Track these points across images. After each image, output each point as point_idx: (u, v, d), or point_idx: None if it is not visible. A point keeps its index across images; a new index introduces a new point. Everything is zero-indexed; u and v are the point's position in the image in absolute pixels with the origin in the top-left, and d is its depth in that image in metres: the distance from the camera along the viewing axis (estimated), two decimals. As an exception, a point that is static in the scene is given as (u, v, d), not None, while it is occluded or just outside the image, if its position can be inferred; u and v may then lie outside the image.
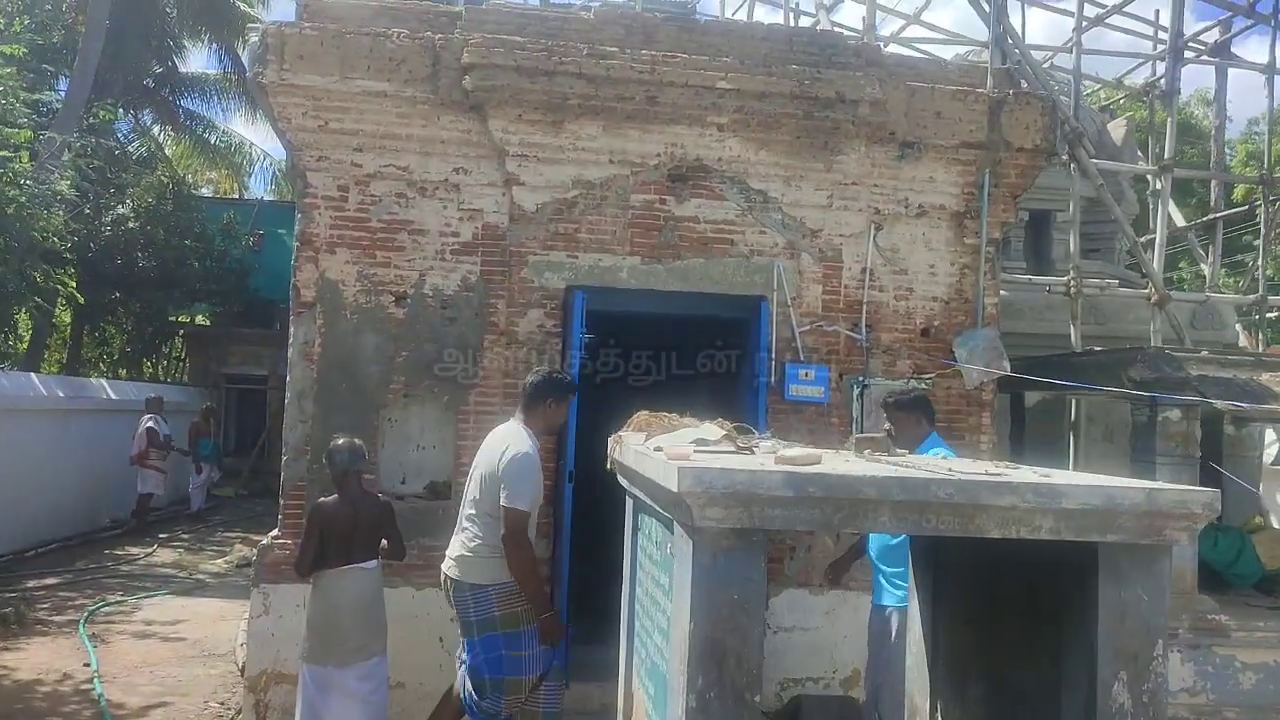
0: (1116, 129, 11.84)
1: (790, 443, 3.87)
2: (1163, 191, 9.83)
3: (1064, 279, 9.53)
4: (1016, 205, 7.22)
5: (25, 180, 12.38)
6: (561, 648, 6.30)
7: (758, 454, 3.32)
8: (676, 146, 6.70)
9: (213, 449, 17.27)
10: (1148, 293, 9.61)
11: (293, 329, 6.58)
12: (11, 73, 12.06)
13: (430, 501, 6.64)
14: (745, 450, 3.37)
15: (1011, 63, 8.34)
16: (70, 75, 17.93)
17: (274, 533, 6.52)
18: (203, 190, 27.16)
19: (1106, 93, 13.79)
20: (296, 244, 6.60)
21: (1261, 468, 10.23)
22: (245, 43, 18.35)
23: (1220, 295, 10.30)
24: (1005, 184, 7.14)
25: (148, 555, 12.88)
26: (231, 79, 23.64)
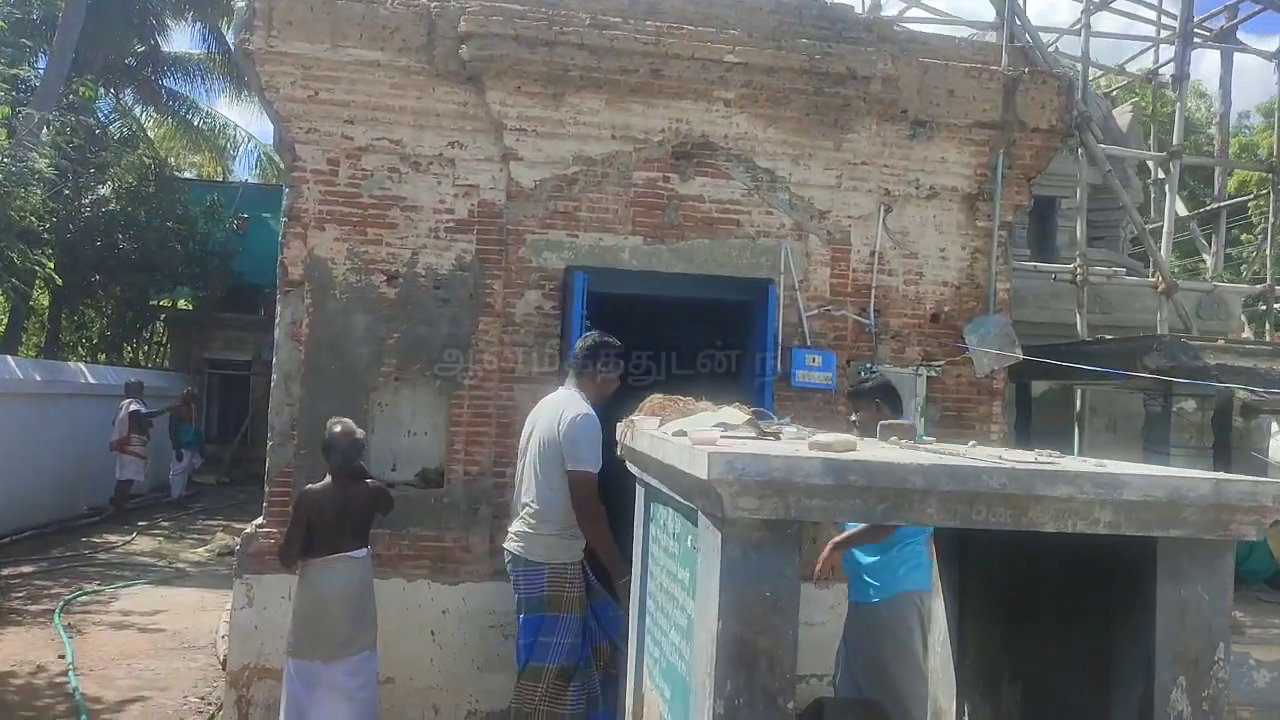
0: (1121, 115, 11.64)
1: (813, 430, 3.65)
2: (1170, 178, 9.64)
3: (1070, 266, 9.34)
4: (1030, 188, 6.99)
5: (2, 157, 12.02)
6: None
7: (783, 440, 3.08)
8: (681, 122, 6.45)
9: (194, 435, 16.95)
10: (1155, 281, 9.42)
11: (279, 308, 6.30)
12: (-12, 46, 11.71)
13: (422, 490, 6.39)
14: (770, 436, 3.14)
15: (1021, 43, 8.11)
16: (50, 51, 17.52)
17: (259, 521, 6.26)
18: (186, 174, 26.72)
19: (1107, 80, 13.59)
20: (284, 219, 6.32)
21: (1268, 461, 10.07)
22: (231, 20, 17.96)
23: (1227, 285, 10.13)
24: (1019, 165, 6.91)
25: (126, 543, 12.58)
26: (215, 59, 23.22)
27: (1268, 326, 9.54)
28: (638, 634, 3.67)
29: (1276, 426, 10.55)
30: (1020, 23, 8.58)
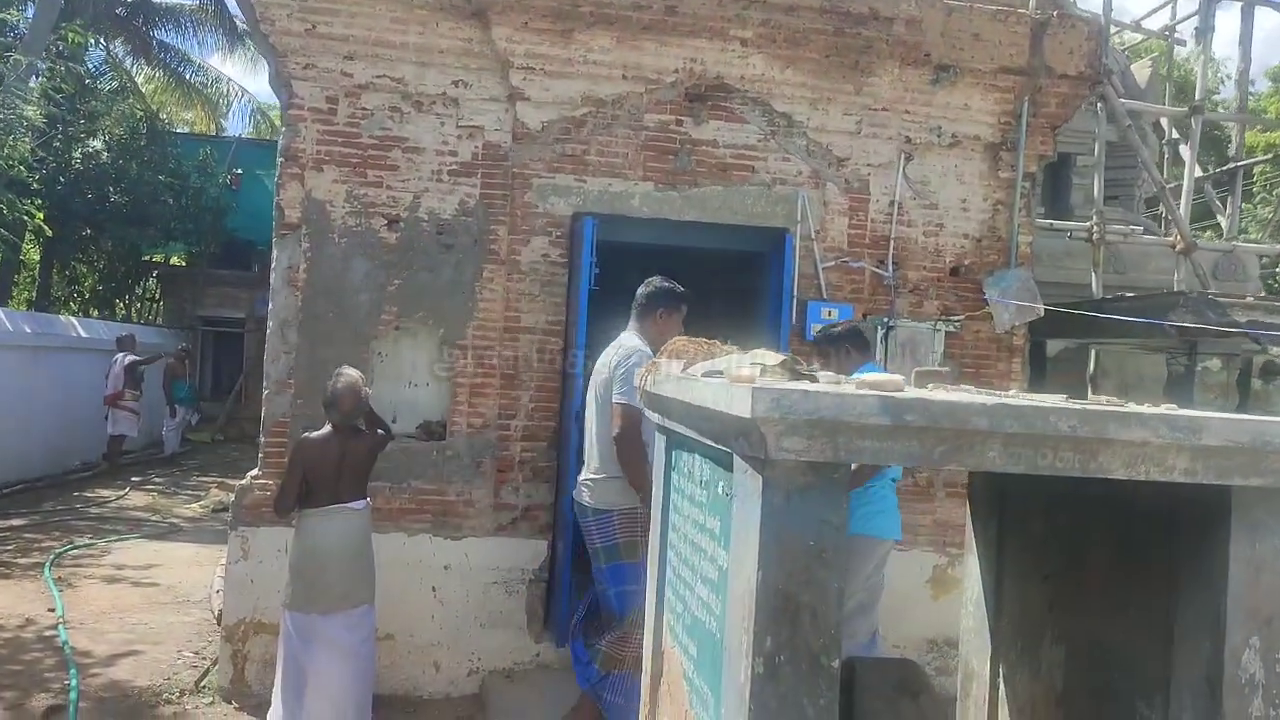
0: (1140, 71, 11.35)
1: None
2: (1192, 134, 9.38)
3: (1086, 224, 9.10)
4: (1055, 137, 6.74)
5: (-11, 103, 11.69)
6: (568, 599, 5.91)
7: (822, 384, 2.86)
8: (695, 62, 6.17)
9: (188, 391, 16.73)
10: (1172, 240, 9.20)
11: (275, 252, 6.05)
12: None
13: (423, 443, 6.17)
14: (807, 379, 2.92)
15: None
16: (38, -3, 17.07)
17: (254, 472, 6.04)
18: (178, 130, 26.23)
19: (1122, 37, 13.28)
20: (280, 160, 6.05)
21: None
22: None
23: (1245, 245, 9.90)
24: (1044, 114, 6.65)
25: (119, 498, 12.39)
26: (208, 10, 22.70)
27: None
28: (657, 589, 3.46)
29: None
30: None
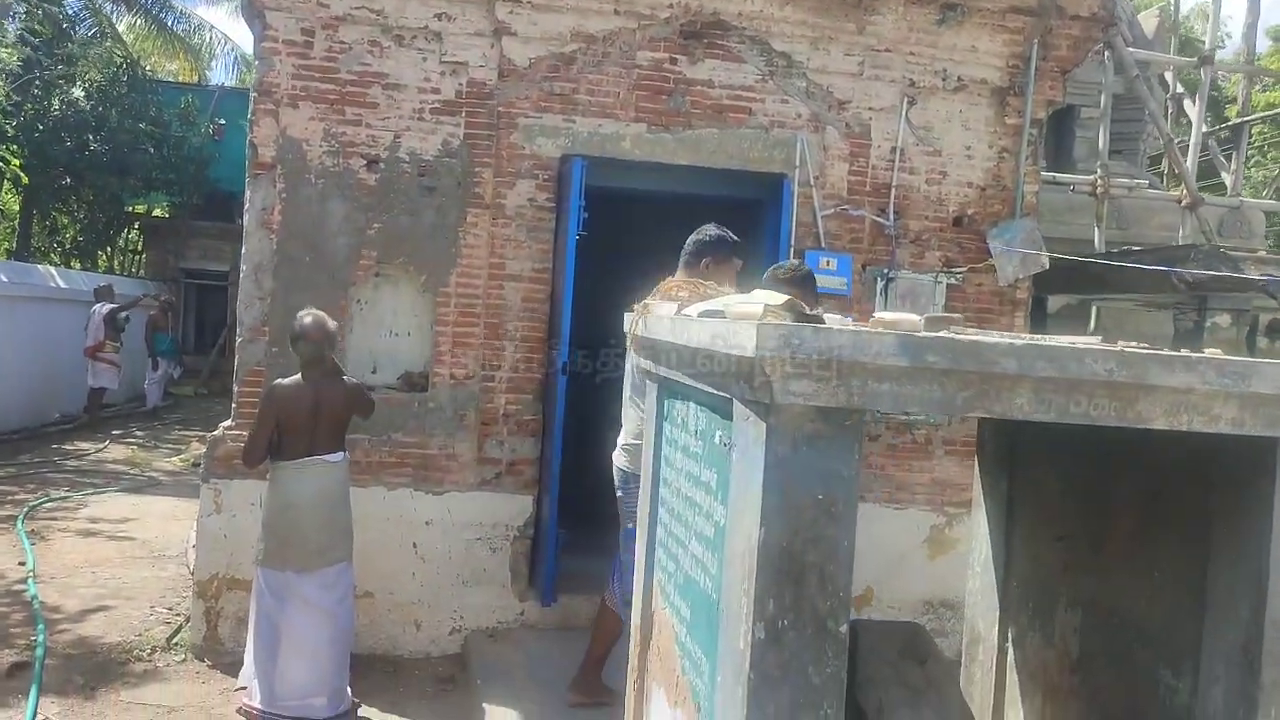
0: (1146, 21, 11.05)
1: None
2: (1201, 86, 9.12)
3: (1090, 178, 8.86)
4: (1065, 83, 6.47)
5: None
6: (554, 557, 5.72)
7: (834, 322, 2.63)
8: (691, -3, 5.87)
9: (170, 344, 16.42)
10: (1178, 195, 8.97)
11: (249, 193, 5.77)
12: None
13: (404, 394, 5.94)
14: (814, 320, 2.69)
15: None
16: (12, -64, 16.55)
17: (227, 423, 5.81)
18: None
19: (1127, -11, 12.93)
20: (254, 95, 5.75)
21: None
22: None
23: (1252, 201, 9.67)
24: (1054, 57, 6.38)
25: (98, 451, 12.14)
26: (190, -48, 22.12)
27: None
28: (647, 548, 3.25)
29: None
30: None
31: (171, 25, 23.35)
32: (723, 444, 2.48)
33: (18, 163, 13.65)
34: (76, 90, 17.71)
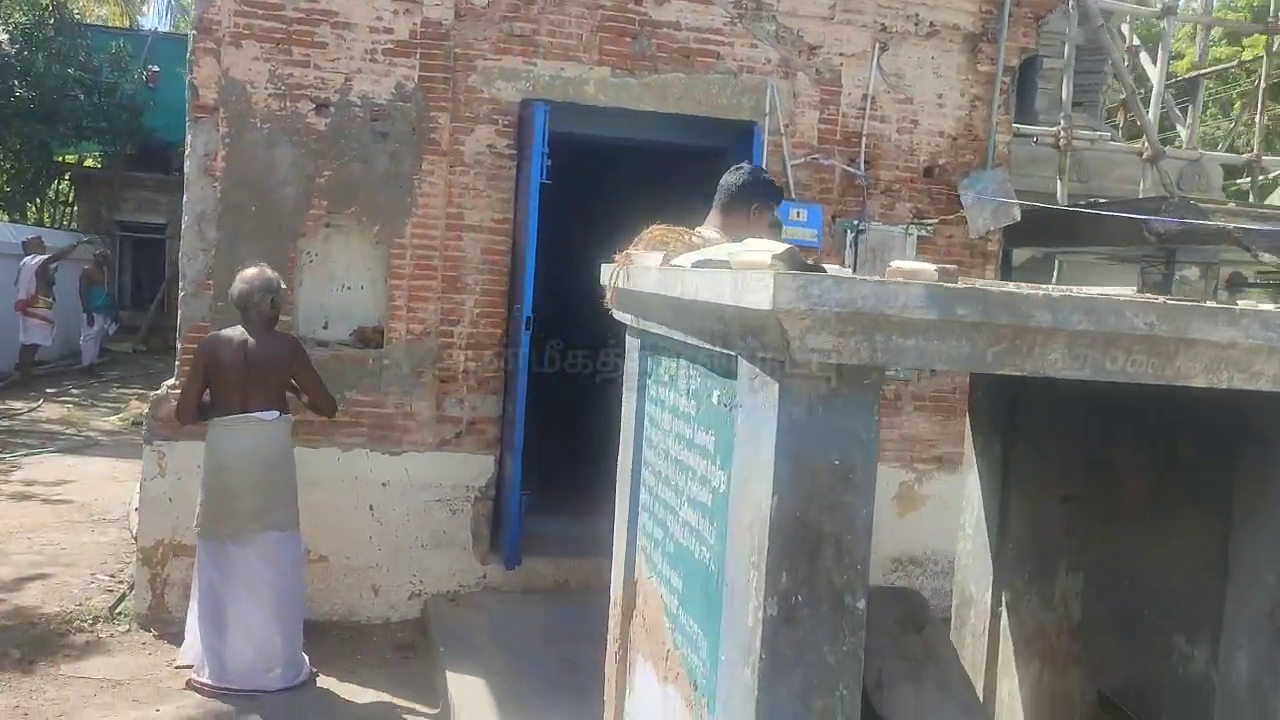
0: (1108, -29, 10.91)
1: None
2: (1164, 36, 9.03)
3: (1053, 129, 8.74)
4: (1039, 29, 6.31)
5: None
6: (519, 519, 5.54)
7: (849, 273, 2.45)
8: (658, -66, 5.60)
9: (106, 299, 15.83)
10: (1140, 148, 8.89)
11: (190, 138, 5.43)
12: None
13: (358, 350, 5.68)
14: (817, 270, 2.50)
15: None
16: None
17: (170, 381, 5.51)
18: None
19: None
20: (193, 32, 5.41)
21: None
22: None
23: (1211, 154, 9.66)
24: (1028, 3, 6.22)
25: (32, 410, 11.67)
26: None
27: (1251, 198, 9.10)
28: (629, 513, 3.07)
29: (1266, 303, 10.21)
30: None
31: (100, -34, 22.37)
32: (723, 405, 2.30)
33: (-64, 108, 12.99)
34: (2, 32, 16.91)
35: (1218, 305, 2.01)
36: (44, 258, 13.61)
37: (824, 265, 2.64)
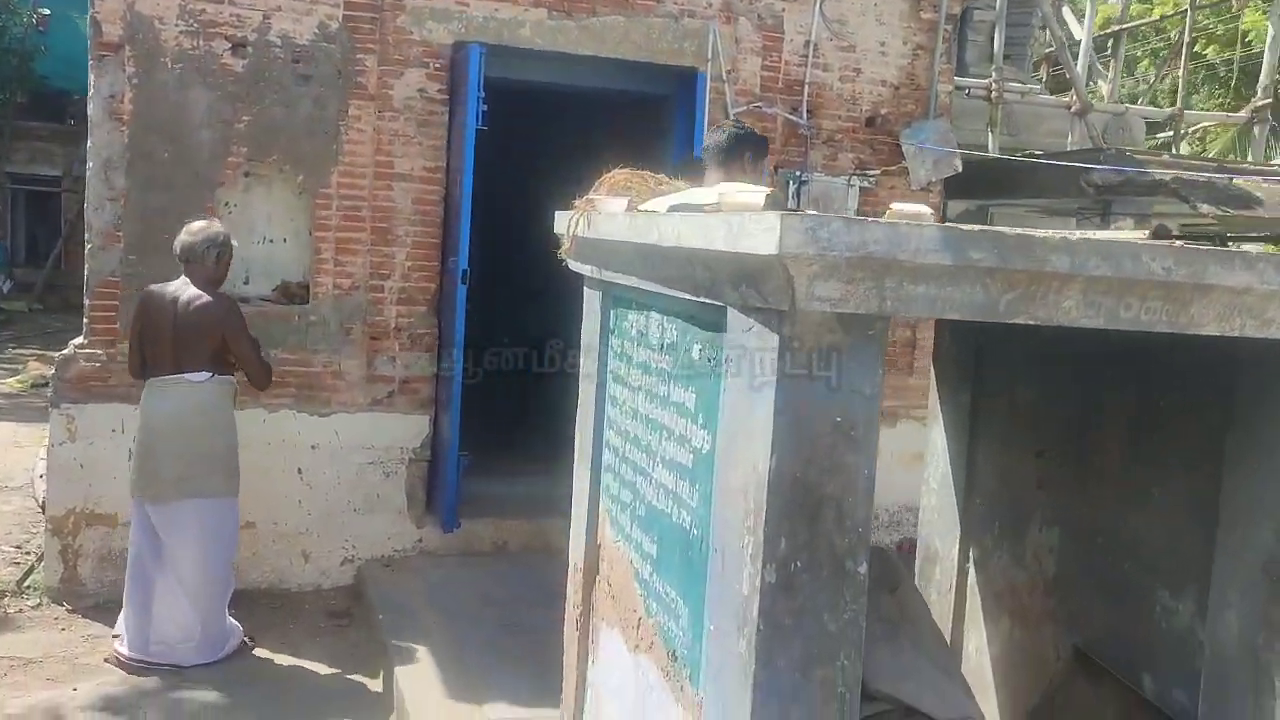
0: (1035, -77, 10.91)
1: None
2: (1093, -11, 9.05)
3: (985, 82, 8.73)
4: (983, -25, 6.23)
5: None
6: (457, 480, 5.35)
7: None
8: None
9: (-2, 254, 15.04)
10: (1068, 101, 8.95)
11: (93, 78, 5.04)
12: None
13: (282, 306, 5.39)
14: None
15: None
16: None
17: (78, 340, 5.15)
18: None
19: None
20: (94, -38, 5.00)
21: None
22: None
23: (1137, 108, 9.77)
24: (971, -51, 6.12)
25: (-79, 373, 11.03)
26: None
27: (1174, 151, 9.23)
28: (591, 472, 2.91)
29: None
30: None
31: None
32: (707, 360, 2.15)
33: None
34: None
35: (1233, 250, 1.91)
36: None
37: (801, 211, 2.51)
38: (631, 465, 2.62)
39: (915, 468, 3.85)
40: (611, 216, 2.60)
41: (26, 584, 5.29)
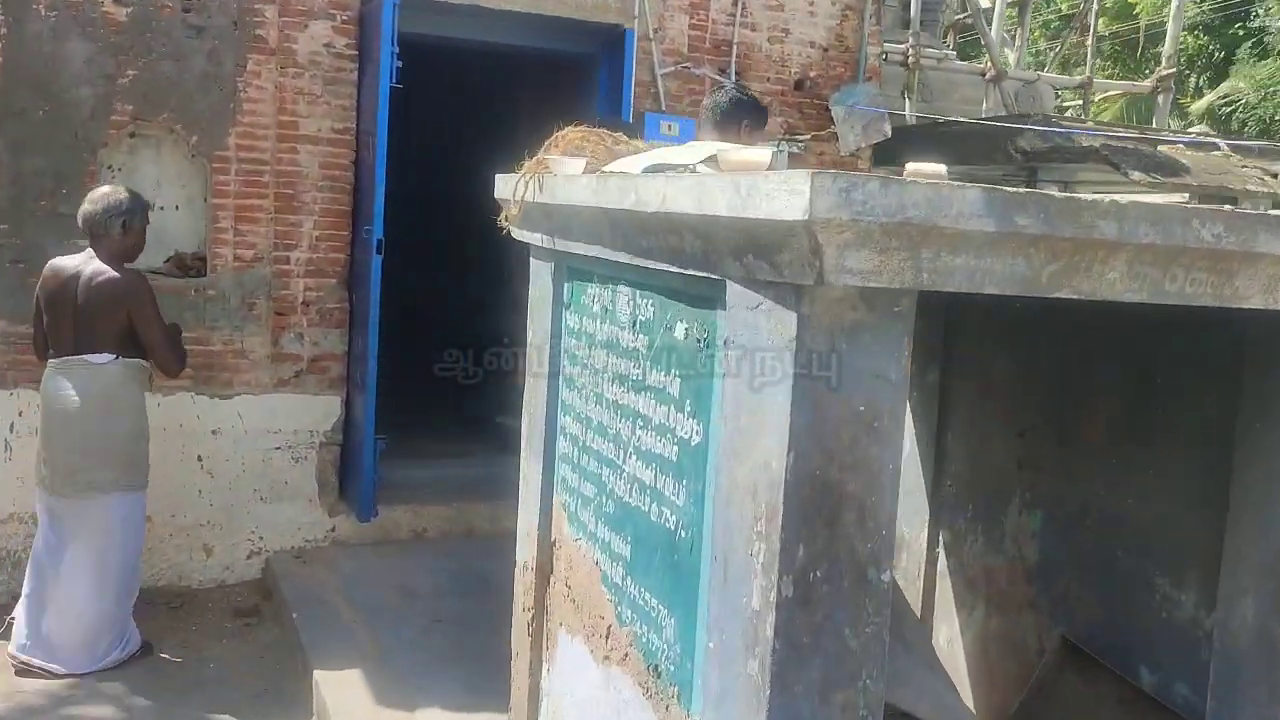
0: (946, -112, 10.86)
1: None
2: (1007, -45, 9.01)
3: (901, 47, 8.63)
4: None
5: None
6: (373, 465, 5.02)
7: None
8: None
9: None
10: (984, 68, 8.92)
11: (-47, 25, 4.51)
12: None
13: (176, 280, 4.95)
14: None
15: None
16: None
17: (-55, 321, 4.65)
18: None
19: None
20: (-50, -106, 4.45)
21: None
22: None
23: (1049, 76, 9.81)
24: (899, -92, 5.95)
25: None
26: None
27: (1084, 117, 9.29)
28: (544, 463, 2.65)
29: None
30: None
31: None
32: (696, 340, 1.90)
33: None
34: None
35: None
36: None
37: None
38: (595, 456, 2.36)
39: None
40: (571, 179, 2.33)
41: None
